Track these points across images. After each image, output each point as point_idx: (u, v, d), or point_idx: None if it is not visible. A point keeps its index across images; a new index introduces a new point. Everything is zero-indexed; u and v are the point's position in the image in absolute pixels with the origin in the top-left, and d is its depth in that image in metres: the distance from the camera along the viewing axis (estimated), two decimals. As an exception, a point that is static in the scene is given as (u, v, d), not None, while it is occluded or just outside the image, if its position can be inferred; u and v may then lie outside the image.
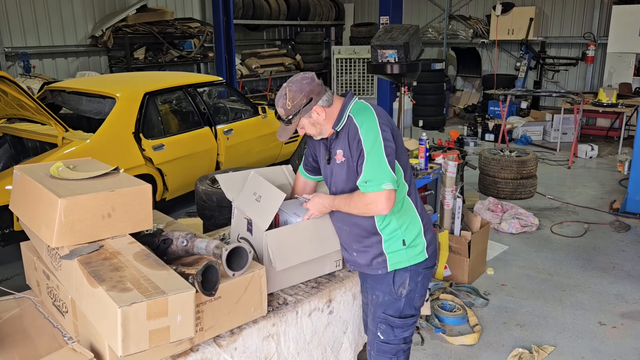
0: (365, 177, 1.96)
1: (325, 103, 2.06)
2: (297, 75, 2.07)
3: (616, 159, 7.81)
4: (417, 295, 2.18)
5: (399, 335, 2.21)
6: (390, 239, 2.10)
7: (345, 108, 2.08)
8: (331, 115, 2.08)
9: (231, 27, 8.95)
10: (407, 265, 2.12)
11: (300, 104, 2.02)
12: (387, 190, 1.94)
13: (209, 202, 3.87)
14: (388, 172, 1.95)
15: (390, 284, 2.15)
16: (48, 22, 8.15)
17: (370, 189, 1.95)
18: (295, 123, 2.07)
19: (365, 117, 2.02)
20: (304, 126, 2.10)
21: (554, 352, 3.24)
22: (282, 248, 2.09)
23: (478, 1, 11.69)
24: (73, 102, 4.73)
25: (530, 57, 10.14)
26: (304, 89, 2.02)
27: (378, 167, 1.94)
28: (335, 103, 2.09)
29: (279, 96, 2.07)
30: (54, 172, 1.97)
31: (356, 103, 2.10)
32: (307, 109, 2.04)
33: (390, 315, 2.18)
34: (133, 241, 1.82)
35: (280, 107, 2.07)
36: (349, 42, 12.64)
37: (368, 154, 1.96)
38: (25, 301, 2.08)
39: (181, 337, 1.57)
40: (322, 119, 2.07)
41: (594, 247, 4.79)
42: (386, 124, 2.02)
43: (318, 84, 2.06)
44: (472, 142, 8.78)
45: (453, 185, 3.97)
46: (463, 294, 3.85)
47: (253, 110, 5.71)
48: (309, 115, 2.06)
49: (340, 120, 2.08)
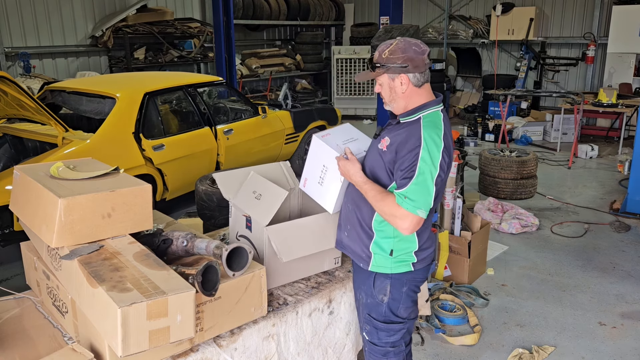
0: (407, 193, 1.89)
1: (415, 80, 1.97)
2: (413, 39, 1.98)
3: (616, 159, 7.81)
4: (401, 305, 2.11)
5: (384, 338, 2.16)
6: (379, 242, 2.06)
7: (424, 108, 1.99)
8: (411, 97, 1.99)
9: (231, 27, 8.95)
10: (388, 272, 2.07)
11: (395, 60, 1.94)
12: (418, 217, 1.90)
13: (209, 202, 3.87)
14: (429, 201, 1.89)
15: (371, 287, 2.11)
16: (48, 22, 8.14)
17: (405, 206, 1.89)
18: (378, 74, 2.00)
19: (433, 138, 1.91)
20: (382, 83, 2.02)
21: (554, 353, 3.24)
22: (285, 242, 2.09)
23: (478, 1, 11.68)
24: (73, 102, 4.73)
25: (531, 57, 10.14)
26: (408, 52, 1.94)
27: (424, 192, 1.88)
28: (422, 92, 2.00)
29: (385, 43, 2.00)
30: (54, 172, 1.97)
31: (435, 113, 1.99)
32: (396, 70, 1.95)
33: (374, 318, 2.15)
34: (133, 241, 1.82)
35: (377, 51, 1.99)
36: (349, 42, 12.64)
37: (419, 174, 1.87)
38: (25, 301, 2.08)
39: (181, 337, 1.57)
40: (401, 90, 1.98)
41: (594, 247, 4.79)
42: (449, 154, 1.95)
43: (424, 60, 1.96)
44: (472, 142, 8.78)
45: (453, 186, 3.97)
46: (463, 294, 3.85)
47: (253, 111, 5.71)
48: (393, 78, 1.97)
49: (411, 115, 1.99)
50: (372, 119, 10.97)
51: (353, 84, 11.37)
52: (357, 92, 11.32)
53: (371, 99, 11.05)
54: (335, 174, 2.11)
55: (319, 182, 2.17)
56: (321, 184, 2.16)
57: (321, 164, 2.15)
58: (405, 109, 2.02)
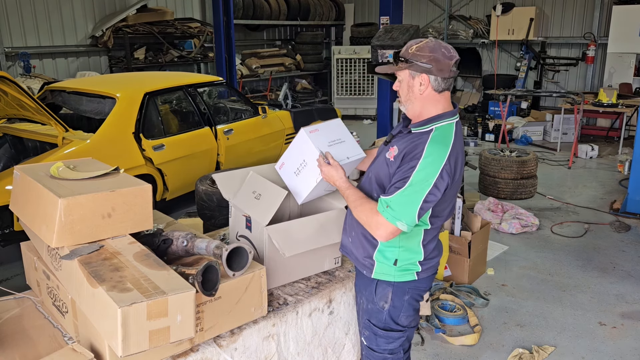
0: (391, 202, 1.82)
1: (435, 84, 1.88)
2: (445, 43, 1.92)
3: (616, 159, 7.81)
4: (402, 313, 2.07)
5: (382, 345, 2.12)
6: (384, 251, 2.02)
7: (438, 119, 1.90)
8: (428, 101, 1.91)
9: (231, 27, 8.95)
10: (391, 280, 2.03)
11: (420, 58, 1.85)
12: (396, 228, 1.83)
13: (209, 202, 3.87)
14: (412, 215, 1.81)
15: (372, 293, 2.07)
16: (48, 22, 8.14)
17: (385, 215, 1.83)
18: (400, 69, 1.92)
19: (437, 153, 1.83)
20: (402, 80, 1.94)
21: (554, 353, 3.24)
22: (286, 238, 2.08)
23: (478, 1, 11.68)
24: (73, 102, 4.73)
25: (531, 57, 10.14)
26: (436, 52, 1.85)
27: (408, 204, 1.81)
28: (440, 100, 1.91)
29: (416, 39, 1.92)
30: (54, 172, 1.97)
31: (448, 126, 1.90)
32: (419, 68, 1.86)
33: (374, 324, 2.11)
34: (133, 241, 1.82)
35: (406, 46, 1.92)
36: (349, 42, 12.64)
37: (409, 186, 1.80)
38: (26, 301, 2.08)
39: (181, 337, 1.57)
40: (419, 91, 1.89)
41: (594, 247, 4.79)
42: (450, 171, 1.84)
43: (450, 66, 1.86)
44: (472, 142, 8.78)
45: (453, 186, 3.96)
46: (463, 294, 3.85)
47: (253, 110, 5.71)
48: (414, 76, 1.89)
49: (424, 126, 1.90)
50: (372, 119, 10.97)
51: (353, 84, 11.37)
52: (357, 92, 11.32)
53: (371, 99, 11.05)
54: (313, 172, 2.10)
55: (294, 173, 2.17)
56: (297, 175, 2.16)
57: (302, 158, 2.13)
58: (419, 116, 1.94)
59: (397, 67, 1.93)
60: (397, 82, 1.97)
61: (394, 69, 1.95)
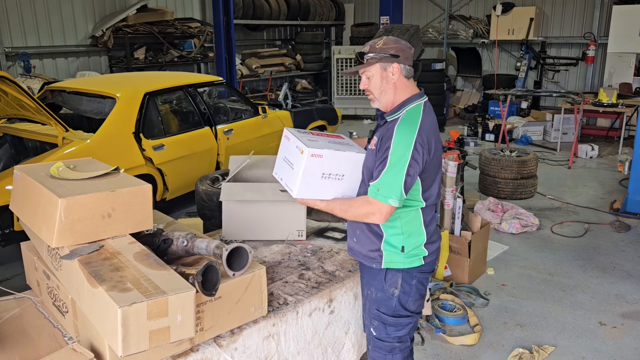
0: (379, 184, 1.97)
1: (405, 72, 2.05)
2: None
3: (616, 159, 7.81)
4: (410, 298, 2.17)
5: (392, 333, 2.20)
6: (390, 240, 2.11)
7: (408, 103, 2.06)
8: (399, 88, 2.06)
9: (231, 27, 8.95)
10: (401, 267, 2.13)
11: (387, 50, 2.02)
12: (390, 206, 1.97)
13: (209, 202, 3.86)
14: (399, 190, 1.95)
15: (382, 281, 2.16)
16: (48, 22, 8.15)
17: (379, 198, 1.97)
18: (370, 64, 2.04)
19: (407, 129, 1.98)
20: (372, 75, 2.06)
21: (554, 352, 3.24)
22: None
23: (478, 1, 11.68)
24: (73, 102, 4.73)
25: (531, 57, 10.14)
26: (399, 44, 2.03)
27: (393, 181, 1.95)
28: (409, 85, 2.08)
29: (373, 40, 2.09)
30: (54, 172, 1.97)
31: (416, 107, 2.05)
32: (389, 59, 2.01)
33: (383, 312, 2.19)
34: (133, 241, 1.82)
35: (368, 45, 2.06)
36: (349, 42, 12.64)
37: (389, 166, 1.95)
38: (26, 301, 2.08)
39: (181, 337, 1.57)
40: (392, 80, 2.04)
41: (594, 247, 4.79)
42: (423, 144, 1.98)
43: (412, 55, 2.06)
44: (472, 142, 8.77)
45: (453, 185, 3.96)
46: (463, 294, 3.85)
47: (253, 110, 5.71)
48: (385, 68, 2.03)
49: (396, 112, 2.06)
50: (372, 119, 10.97)
51: (353, 84, 11.37)
52: (357, 92, 11.32)
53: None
54: (299, 163, 2.09)
55: (290, 167, 2.17)
56: (292, 168, 2.15)
57: (298, 168, 2.08)
58: (393, 104, 2.08)
59: (367, 63, 2.05)
60: (366, 80, 2.09)
61: (364, 67, 2.07)
